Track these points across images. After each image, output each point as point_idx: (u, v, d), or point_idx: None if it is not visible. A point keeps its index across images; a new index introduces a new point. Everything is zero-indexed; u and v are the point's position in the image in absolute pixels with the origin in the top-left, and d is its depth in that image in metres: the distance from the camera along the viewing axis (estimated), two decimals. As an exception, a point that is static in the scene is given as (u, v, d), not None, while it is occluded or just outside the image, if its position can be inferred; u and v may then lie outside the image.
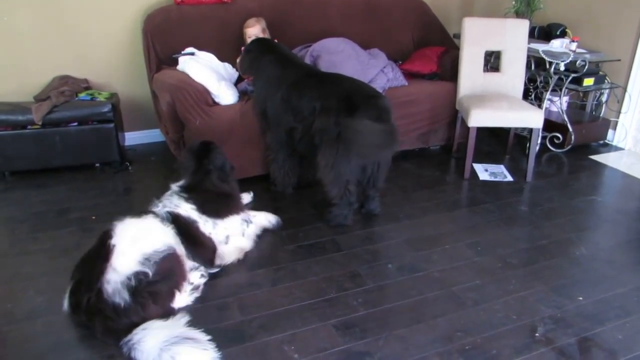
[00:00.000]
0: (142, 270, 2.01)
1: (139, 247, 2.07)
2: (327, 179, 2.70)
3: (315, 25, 3.96)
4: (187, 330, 1.94)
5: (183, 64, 3.29)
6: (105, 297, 1.96)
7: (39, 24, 3.59)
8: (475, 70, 3.68)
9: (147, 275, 2.00)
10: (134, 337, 1.89)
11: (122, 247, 2.06)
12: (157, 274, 2.03)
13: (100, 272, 2.01)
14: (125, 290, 1.96)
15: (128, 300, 1.95)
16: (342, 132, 2.57)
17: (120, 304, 1.94)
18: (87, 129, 3.47)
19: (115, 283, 1.97)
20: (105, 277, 1.99)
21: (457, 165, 3.75)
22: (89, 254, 2.18)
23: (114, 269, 2.00)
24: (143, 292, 1.98)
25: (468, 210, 3.10)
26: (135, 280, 1.98)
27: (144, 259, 2.03)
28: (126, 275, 1.99)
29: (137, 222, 2.21)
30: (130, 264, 2.02)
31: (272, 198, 3.21)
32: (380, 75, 3.62)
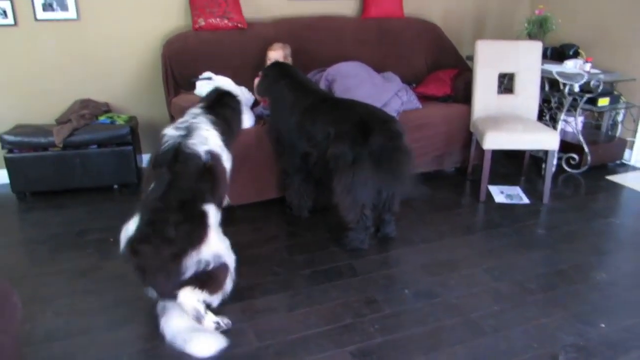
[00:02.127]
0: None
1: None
2: (344, 203, 2.68)
3: (330, 49, 3.96)
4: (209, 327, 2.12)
5: (200, 88, 3.29)
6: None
7: (62, 49, 3.64)
8: (489, 92, 3.65)
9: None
10: (170, 304, 2.08)
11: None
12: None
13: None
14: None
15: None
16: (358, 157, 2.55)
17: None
18: (106, 151, 3.49)
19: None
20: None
21: (473, 187, 3.69)
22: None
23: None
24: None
25: (484, 234, 3.04)
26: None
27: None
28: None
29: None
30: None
31: (287, 222, 3.18)
32: (394, 98, 3.60)
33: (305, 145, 2.90)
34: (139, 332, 2.18)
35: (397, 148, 2.62)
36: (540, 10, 4.08)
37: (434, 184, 3.74)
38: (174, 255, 2.02)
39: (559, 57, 4.15)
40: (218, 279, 2.14)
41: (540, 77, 3.64)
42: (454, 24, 4.68)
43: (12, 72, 3.58)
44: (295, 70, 3.16)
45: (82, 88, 3.74)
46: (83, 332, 2.18)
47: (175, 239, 2.02)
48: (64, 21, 3.58)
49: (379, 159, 2.57)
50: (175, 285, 2.06)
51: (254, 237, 3.03)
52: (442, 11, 4.61)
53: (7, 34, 3.49)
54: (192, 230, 2.08)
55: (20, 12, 3.47)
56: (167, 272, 2.04)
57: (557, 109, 3.88)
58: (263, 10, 4.03)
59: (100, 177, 3.54)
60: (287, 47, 3.62)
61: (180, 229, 2.04)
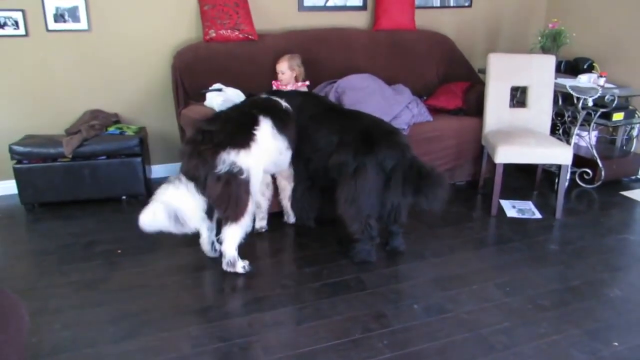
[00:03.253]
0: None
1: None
2: (347, 214, 2.71)
3: (341, 61, 4.02)
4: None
5: (210, 100, 3.34)
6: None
7: (73, 60, 3.73)
8: (501, 105, 3.68)
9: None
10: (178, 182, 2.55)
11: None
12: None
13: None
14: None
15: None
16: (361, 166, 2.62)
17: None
18: (116, 162, 3.55)
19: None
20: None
21: (484, 201, 3.71)
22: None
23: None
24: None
25: (496, 249, 3.05)
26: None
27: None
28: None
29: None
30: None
31: (296, 233, 3.22)
32: (405, 111, 3.64)
33: (308, 151, 2.96)
34: (146, 346, 2.21)
35: (408, 162, 2.67)
36: (554, 24, 4.12)
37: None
38: (215, 146, 2.48)
39: (572, 71, 4.17)
40: (241, 196, 2.52)
41: (553, 91, 3.66)
42: (466, 36, 4.73)
43: (23, 82, 3.67)
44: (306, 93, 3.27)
45: (92, 99, 3.83)
46: (90, 345, 2.21)
47: (219, 134, 2.50)
48: (75, 32, 3.68)
49: (384, 171, 2.63)
50: (209, 177, 2.49)
51: (263, 248, 3.07)
52: (454, 24, 4.66)
53: (19, 44, 3.59)
54: (238, 133, 2.56)
55: (31, 23, 3.57)
56: (204, 159, 2.48)
57: (571, 123, 3.90)
58: (274, 21, 4.10)
59: (109, 188, 3.60)
60: (296, 57, 3.67)
61: (227, 129, 2.54)
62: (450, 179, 3.87)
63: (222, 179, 2.48)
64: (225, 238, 2.65)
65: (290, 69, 3.61)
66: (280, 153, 2.84)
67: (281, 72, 3.59)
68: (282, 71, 3.59)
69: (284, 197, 3.24)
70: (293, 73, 3.62)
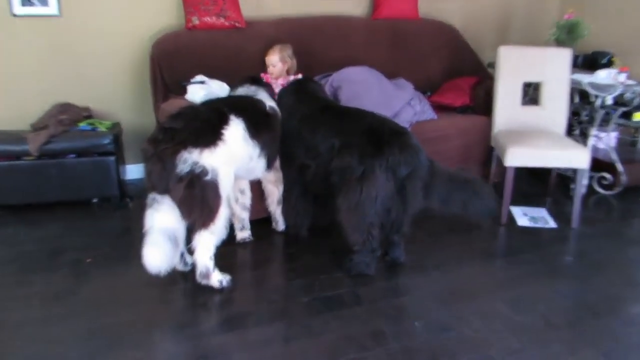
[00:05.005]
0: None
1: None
2: (349, 222, 2.70)
3: (337, 52, 4.02)
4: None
5: (192, 94, 3.33)
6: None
7: (40, 48, 3.71)
8: (512, 103, 3.69)
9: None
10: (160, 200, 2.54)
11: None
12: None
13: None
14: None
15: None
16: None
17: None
18: (86, 161, 3.53)
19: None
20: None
21: (493, 208, 3.71)
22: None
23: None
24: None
25: (505, 261, 3.05)
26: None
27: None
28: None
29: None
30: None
31: (285, 243, 3.20)
32: (406, 108, 3.64)
33: (303, 156, 2.94)
34: (117, 364, 2.19)
35: (426, 168, 2.69)
36: (570, 15, 4.13)
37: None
38: (176, 145, 2.46)
39: (590, 66, 4.18)
40: (207, 199, 2.51)
41: (569, 88, 3.67)
42: (474, 27, 4.74)
43: (-15, 72, 3.64)
44: (312, 85, 3.25)
45: (61, 91, 3.80)
46: (55, 363, 2.18)
47: (180, 133, 2.49)
48: (44, 17, 3.65)
49: (397, 177, 2.62)
50: (171, 178, 2.47)
51: (247, 259, 3.05)
52: (461, 12, 4.67)
53: (-19, 30, 3.56)
54: (202, 131, 2.54)
55: (-4, 6, 3.54)
56: (163, 161, 2.46)
57: (588, 123, 3.91)
58: (264, 8, 4.10)
59: (79, 190, 3.57)
60: (287, 48, 3.67)
61: (191, 126, 2.53)
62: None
63: (183, 180, 2.47)
64: (196, 247, 2.63)
65: (282, 61, 3.60)
66: (250, 159, 2.81)
67: (272, 65, 3.58)
68: (272, 64, 3.58)
69: (272, 202, 3.23)
70: (285, 65, 3.61)
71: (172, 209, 2.55)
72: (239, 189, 3.08)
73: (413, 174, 2.66)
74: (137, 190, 3.86)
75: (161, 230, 2.53)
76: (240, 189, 3.09)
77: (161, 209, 2.55)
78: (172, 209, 2.55)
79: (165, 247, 2.52)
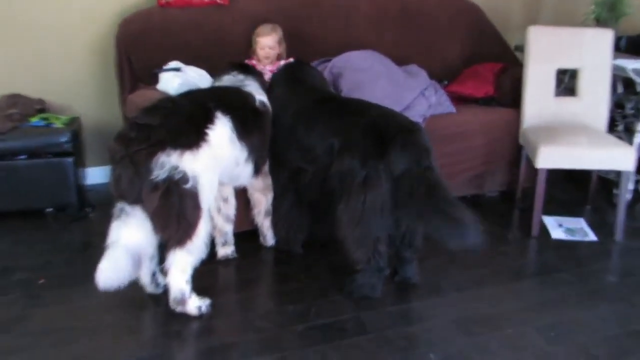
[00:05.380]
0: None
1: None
2: (351, 237, 2.68)
3: (337, 34, 4.02)
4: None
5: (165, 82, 3.33)
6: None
7: (-17, 29, 3.70)
8: (545, 93, 3.68)
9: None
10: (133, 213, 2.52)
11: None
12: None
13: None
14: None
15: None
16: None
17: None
18: (39, 163, 3.51)
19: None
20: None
21: (522, 218, 3.71)
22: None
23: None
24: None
25: (537, 281, 3.05)
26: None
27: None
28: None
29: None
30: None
31: (275, 260, 3.20)
32: (419, 99, 3.63)
33: (297, 158, 2.94)
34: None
35: (427, 169, 2.65)
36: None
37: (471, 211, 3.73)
38: (152, 145, 2.42)
39: (636, 49, 4.18)
40: (185, 211, 2.48)
41: (611, 76, 3.67)
42: (499, 4, 4.74)
43: None
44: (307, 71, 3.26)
45: (9, 80, 3.79)
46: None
47: (157, 131, 2.45)
48: (-13, -10, 3.65)
49: (401, 181, 2.59)
50: (144, 186, 2.43)
51: (230, 280, 3.05)
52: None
53: None
54: (183, 130, 2.51)
55: None
56: (135, 165, 2.42)
57: (634, 116, 3.91)
58: (250, -18, 4.09)
59: (30, 198, 3.56)
60: (278, 29, 3.69)
61: (170, 123, 2.51)
62: (479, 188, 3.85)
63: (159, 187, 2.43)
64: (170, 268, 2.59)
65: (279, 44, 3.62)
66: (237, 164, 2.80)
67: (268, 47, 3.59)
68: (269, 46, 3.60)
69: (259, 212, 3.21)
70: (280, 49, 3.63)
71: (143, 223, 2.53)
72: (222, 197, 3.06)
73: (405, 175, 2.61)
74: (99, 197, 3.84)
75: (124, 247, 2.52)
76: (224, 197, 3.07)
77: (130, 223, 2.53)
78: (142, 223, 2.53)
79: (123, 266, 2.51)
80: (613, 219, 3.50)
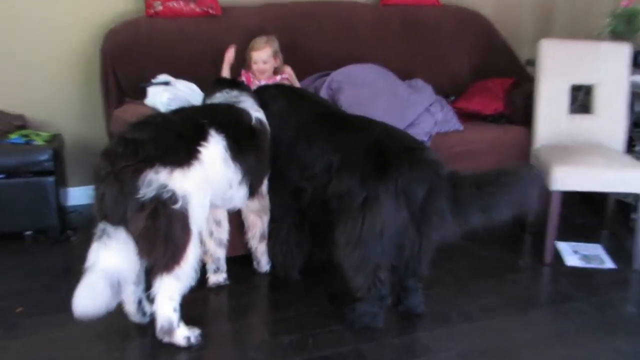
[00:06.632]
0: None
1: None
2: (350, 262, 2.68)
3: (337, 46, 4.05)
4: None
5: (154, 97, 3.36)
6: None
7: (-39, 41, 3.73)
8: (558, 111, 3.71)
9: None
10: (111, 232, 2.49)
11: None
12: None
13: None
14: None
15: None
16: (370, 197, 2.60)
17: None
18: (18, 183, 3.53)
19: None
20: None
21: (534, 244, 3.72)
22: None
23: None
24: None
25: (551, 311, 3.05)
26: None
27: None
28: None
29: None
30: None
31: (270, 287, 3.20)
32: (425, 116, 3.65)
33: (297, 176, 2.95)
34: None
35: (441, 181, 2.66)
36: (628, 1, 4.18)
37: (479, 238, 3.74)
38: (139, 162, 2.43)
39: (655, 64, 4.22)
40: (174, 234, 2.48)
41: (629, 92, 3.70)
42: (509, 15, 4.79)
43: None
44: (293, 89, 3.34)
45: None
46: None
47: (146, 147, 2.47)
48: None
49: (411, 202, 2.60)
50: (129, 205, 2.43)
51: (222, 308, 3.05)
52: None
53: None
54: (174, 146, 2.53)
55: None
56: (121, 183, 2.42)
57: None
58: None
59: (9, 220, 3.56)
60: (274, 41, 3.68)
61: (160, 139, 2.52)
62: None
63: (146, 207, 2.43)
64: (156, 295, 2.58)
65: (275, 56, 3.62)
66: (230, 186, 2.80)
67: (262, 62, 3.58)
68: (263, 60, 3.58)
69: (254, 236, 3.21)
70: (276, 62, 3.64)
71: (126, 247, 2.52)
72: (215, 219, 3.06)
73: (433, 194, 2.63)
74: (81, 220, 3.85)
75: (103, 272, 2.49)
76: (216, 220, 3.07)
77: (110, 245, 2.51)
78: (125, 246, 2.52)
79: (101, 292, 2.46)
80: (631, 245, 3.51)
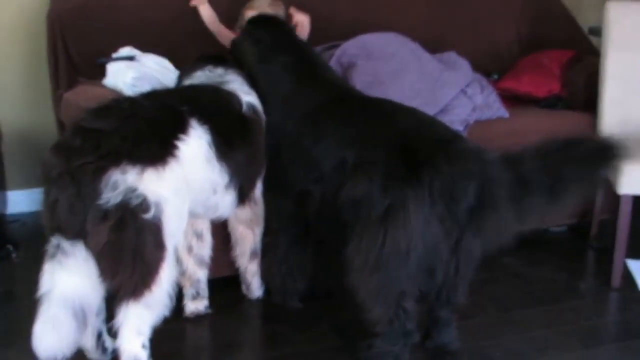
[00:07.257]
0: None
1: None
2: (366, 288, 2.66)
3: (351, 11, 4.10)
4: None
5: (116, 76, 3.37)
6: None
7: None
8: (630, 93, 3.73)
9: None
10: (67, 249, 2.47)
11: None
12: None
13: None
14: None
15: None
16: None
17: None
18: (-56, 185, 3.55)
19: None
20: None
21: (599, 262, 3.75)
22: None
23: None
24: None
25: (617, 348, 3.06)
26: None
27: None
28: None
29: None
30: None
31: (264, 317, 3.24)
32: (460, 99, 3.66)
33: (300, 177, 2.96)
34: None
35: (493, 170, 2.65)
36: None
37: (529, 253, 3.77)
38: (101, 158, 2.39)
39: None
40: (144, 251, 2.44)
41: None
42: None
43: None
44: (301, 41, 3.29)
45: None
46: None
47: (110, 139, 2.43)
48: None
49: (456, 206, 2.58)
50: (89, 213, 2.39)
51: (203, 343, 3.08)
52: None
53: None
54: (145, 138, 2.50)
55: None
56: (78, 185, 2.38)
57: None
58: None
59: None
60: (280, 6, 3.72)
61: (128, 129, 2.48)
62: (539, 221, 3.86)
63: (110, 217, 2.39)
64: (121, 327, 2.54)
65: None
66: (214, 191, 2.80)
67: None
68: None
69: (243, 253, 3.21)
70: None
71: (86, 265, 2.50)
72: (195, 232, 3.06)
73: (489, 189, 2.59)
74: (25, 232, 3.88)
75: (63, 300, 2.47)
76: (197, 233, 3.07)
77: (68, 265, 2.49)
78: (85, 265, 2.50)
79: (66, 325, 2.46)
80: None
